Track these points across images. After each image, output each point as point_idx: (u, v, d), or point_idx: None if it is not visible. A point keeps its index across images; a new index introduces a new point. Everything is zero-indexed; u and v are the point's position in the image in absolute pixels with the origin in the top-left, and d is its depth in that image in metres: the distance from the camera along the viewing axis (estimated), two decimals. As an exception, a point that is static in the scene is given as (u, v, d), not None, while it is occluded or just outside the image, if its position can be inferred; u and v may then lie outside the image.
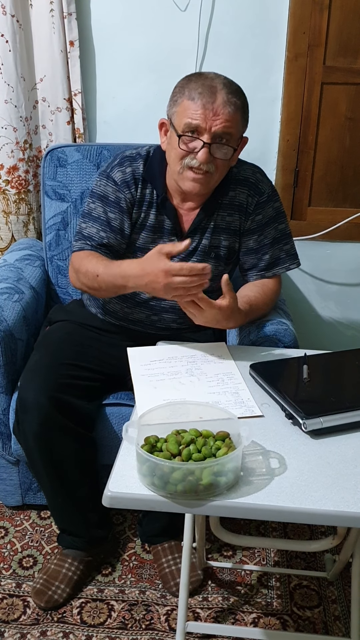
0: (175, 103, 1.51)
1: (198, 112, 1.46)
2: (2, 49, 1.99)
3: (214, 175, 1.54)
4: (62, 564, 1.71)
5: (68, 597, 1.67)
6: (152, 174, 1.63)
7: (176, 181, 1.57)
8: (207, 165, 1.50)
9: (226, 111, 1.46)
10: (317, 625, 1.62)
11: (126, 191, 1.62)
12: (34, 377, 1.58)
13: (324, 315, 2.46)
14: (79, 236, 1.67)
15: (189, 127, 1.47)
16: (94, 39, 2.12)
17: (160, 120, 1.58)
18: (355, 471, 1.09)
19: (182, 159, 1.51)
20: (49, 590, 1.66)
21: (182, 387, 1.34)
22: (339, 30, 2.05)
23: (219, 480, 1.02)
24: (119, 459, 1.10)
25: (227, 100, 1.46)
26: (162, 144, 1.59)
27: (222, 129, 1.47)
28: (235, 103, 1.48)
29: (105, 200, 1.64)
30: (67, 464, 1.60)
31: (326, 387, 1.36)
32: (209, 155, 1.49)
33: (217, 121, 1.46)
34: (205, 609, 1.66)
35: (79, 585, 1.71)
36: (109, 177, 1.64)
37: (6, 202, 2.18)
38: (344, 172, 2.24)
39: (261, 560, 1.81)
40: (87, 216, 1.67)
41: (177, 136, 1.49)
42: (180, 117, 1.49)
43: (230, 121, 1.47)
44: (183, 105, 1.48)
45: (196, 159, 1.49)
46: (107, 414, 1.71)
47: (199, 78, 1.49)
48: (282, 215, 1.72)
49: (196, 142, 1.48)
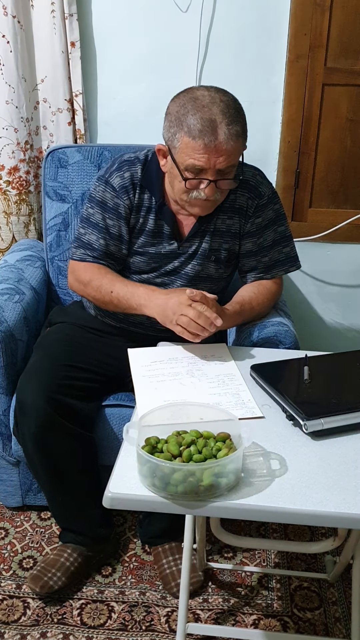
0: (174, 137, 1.46)
1: (200, 152, 1.43)
2: (3, 50, 2.00)
3: (220, 198, 1.56)
4: (61, 554, 1.71)
5: (63, 585, 1.67)
6: (150, 180, 1.62)
7: (182, 205, 1.57)
8: (213, 196, 1.50)
9: (229, 146, 1.43)
10: (317, 627, 1.62)
11: (124, 197, 1.62)
12: (33, 378, 1.58)
13: (325, 316, 2.46)
14: (79, 243, 1.68)
15: (193, 168, 1.46)
16: (95, 39, 2.12)
17: (157, 146, 1.55)
18: (356, 472, 1.09)
19: (188, 193, 1.51)
20: (44, 577, 1.66)
21: (182, 388, 1.34)
22: (340, 32, 2.05)
23: (220, 481, 1.01)
24: (120, 460, 1.10)
25: (228, 134, 1.42)
26: (163, 167, 1.57)
27: (227, 164, 1.46)
28: (237, 132, 1.44)
29: (104, 207, 1.65)
30: (66, 464, 1.60)
31: (327, 388, 1.36)
32: (216, 188, 1.49)
33: (220, 158, 1.44)
34: (206, 611, 1.66)
35: (75, 576, 1.71)
36: (108, 183, 1.64)
37: (7, 203, 2.18)
38: (344, 174, 2.24)
39: (262, 562, 1.81)
40: (85, 222, 1.68)
41: (182, 179, 1.48)
42: (182, 154, 1.46)
43: (233, 154, 1.45)
44: (183, 142, 1.44)
45: (204, 193, 1.49)
46: (107, 415, 1.71)
47: (194, 105, 1.43)
48: (282, 218, 1.72)
49: (201, 180, 1.48)
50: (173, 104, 1.49)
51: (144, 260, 1.67)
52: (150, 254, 1.66)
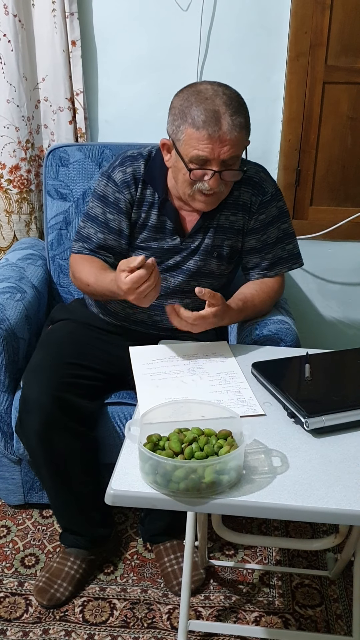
0: (179, 129, 1.47)
1: (205, 142, 1.43)
2: (4, 49, 2.00)
3: (224, 191, 1.56)
4: (65, 562, 1.71)
5: (70, 595, 1.67)
6: (153, 176, 1.63)
7: (186, 201, 1.58)
8: (217, 187, 1.50)
9: (233, 136, 1.44)
10: (319, 624, 1.62)
11: (126, 192, 1.63)
12: (36, 376, 1.58)
13: (326, 314, 2.46)
14: (78, 236, 1.71)
15: (198, 159, 1.46)
16: (96, 38, 2.12)
17: (161, 141, 1.55)
18: (357, 469, 1.09)
19: (192, 185, 1.51)
20: (51, 589, 1.66)
21: (184, 385, 1.35)
22: (341, 30, 2.05)
23: (222, 478, 1.02)
24: (122, 458, 1.11)
25: (232, 125, 1.43)
26: (167, 162, 1.57)
27: (230, 154, 1.46)
28: (240, 124, 1.45)
29: (105, 201, 1.65)
30: (69, 462, 1.60)
31: (328, 386, 1.36)
32: (220, 180, 1.49)
33: (224, 148, 1.44)
34: (207, 608, 1.66)
35: (81, 583, 1.71)
36: (110, 178, 1.65)
37: (8, 202, 2.18)
38: (345, 172, 2.24)
39: (263, 559, 1.81)
40: (86, 216, 1.70)
41: (187, 170, 1.48)
42: (186, 146, 1.47)
43: (237, 145, 1.46)
44: (187, 134, 1.45)
45: (207, 184, 1.49)
46: (109, 412, 1.72)
47: (198, 98, 1.44)
48: (286, 215, 1.72)
49: (206, 170, 1.48)
50: (177, 98, 1.50)
51: (146, 255, 1.67)
52: (152, 248, 1.66)
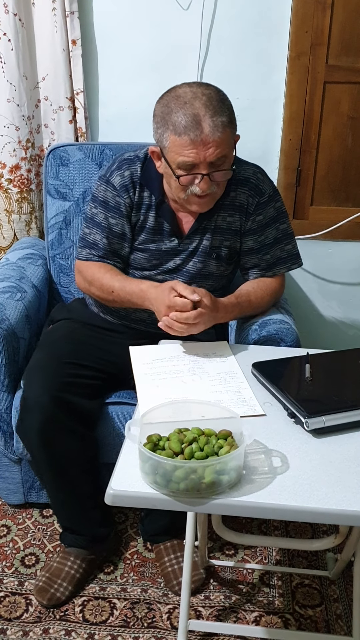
0: (162, 137, 1.48)
1: (188, 148, 1.44)
2: (4, 48, 2.00)
3: (218, 191, 1.56)
4: (65, 562, 1.71)
5: (70, 595, 1.67)
6: (149, 178, 1.64)
7: (181, 204, 1.59)
8: (209, 189, 1.50)
9: (216, 137, 1.43)
10: (319, 624, 1.62)
11: (125, 195, 1.64)
12: (37, 375, 1.59)
13: (326, 314, 2.46)
14: (84, 243, 1.71)
15: (184, 165, 1.47)
16: (96, 37, 2.11)
17: (150, 149, 1.56)
18: (357, 470, 1.09)
19: (185, 189, 1.52)
20: (51, 588, 1.66)
21: (184, 385, 1.35)
22: (342, 29, 2.05)
23: (222, 478, 1.02)
24: (122, 457, 1.11)
25: (213, 126, 1.43)
26: (158, 169, 1.58)
27: (217, 155, 1.46)
28: (222, 123, 1.44)
29: (106, 206, 1.66)
30: (69, 462, 1.61)
31: (328, 386, 1.36)
32: (210, 181, 1.49)
33: (209, 151, 1.44)
34: (207, 608, 1.66)
35: (82, 583, 1.71)
36: (109, 182, 1.66)
37: (8, 201, 2.18)
38: (346, 171, 2.24)
39: (263, 559, 1.81)
40: (89, 222, 1.70)
41: (175, 177, 1.49)
42: (171, 153, 1.47)
43: (222, 144, 1.45)
44: (171, 141, 1.46)
45: (198, 187, 1.49)
46: (109, 412, 1.71)
47: (177, 103, 1.44)
48: (284, 215, 1.72)
49: (195, 175, 1.48)
50: (158, 105, 1.50)
51: (145, 257, 1.68)
52: (151, 250, 1.66)
